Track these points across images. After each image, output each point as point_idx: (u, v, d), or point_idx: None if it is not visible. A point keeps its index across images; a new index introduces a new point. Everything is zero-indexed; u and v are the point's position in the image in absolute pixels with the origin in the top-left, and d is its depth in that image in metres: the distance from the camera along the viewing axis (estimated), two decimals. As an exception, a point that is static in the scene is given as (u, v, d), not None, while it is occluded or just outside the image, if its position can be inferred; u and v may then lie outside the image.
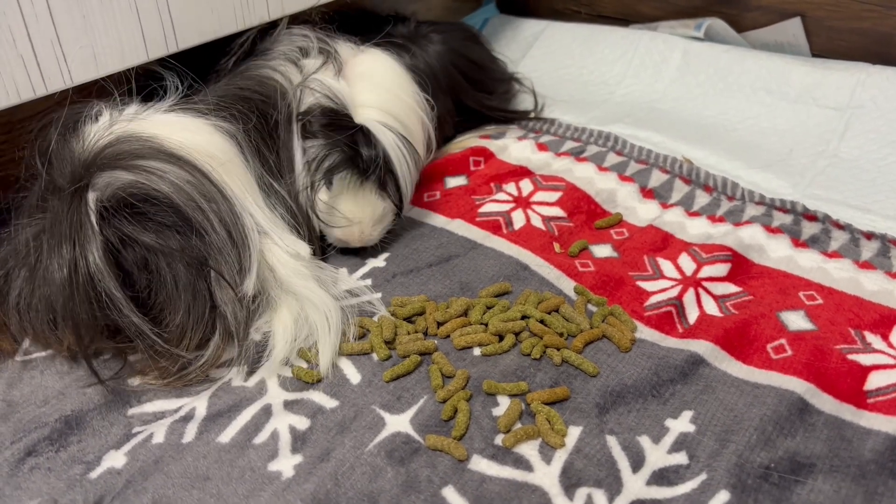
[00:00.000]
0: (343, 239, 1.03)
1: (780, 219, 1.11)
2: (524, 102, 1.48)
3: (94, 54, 0.92)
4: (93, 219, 0.79)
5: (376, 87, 1.03)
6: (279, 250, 0.92)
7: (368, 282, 1.00)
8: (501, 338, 0.89)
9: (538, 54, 1.65)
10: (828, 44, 1.42)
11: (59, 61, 0.88)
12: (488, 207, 1.13)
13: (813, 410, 0.79)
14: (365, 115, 0.99)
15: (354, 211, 1.00)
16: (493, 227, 1.10)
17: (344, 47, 1.08)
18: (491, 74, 1.44)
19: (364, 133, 0.96)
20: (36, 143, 0.86)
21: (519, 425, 0.78)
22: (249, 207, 0.90)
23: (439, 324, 0.91)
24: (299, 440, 0.76)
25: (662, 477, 0.73)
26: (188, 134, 0.88)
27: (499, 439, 0.76)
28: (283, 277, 0.91)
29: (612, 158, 1.26)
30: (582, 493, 0.71)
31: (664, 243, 1.08)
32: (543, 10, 1.77)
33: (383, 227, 1.05)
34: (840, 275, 0.99)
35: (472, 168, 1.24)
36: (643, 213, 1.14)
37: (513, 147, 1.29)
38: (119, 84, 0.94)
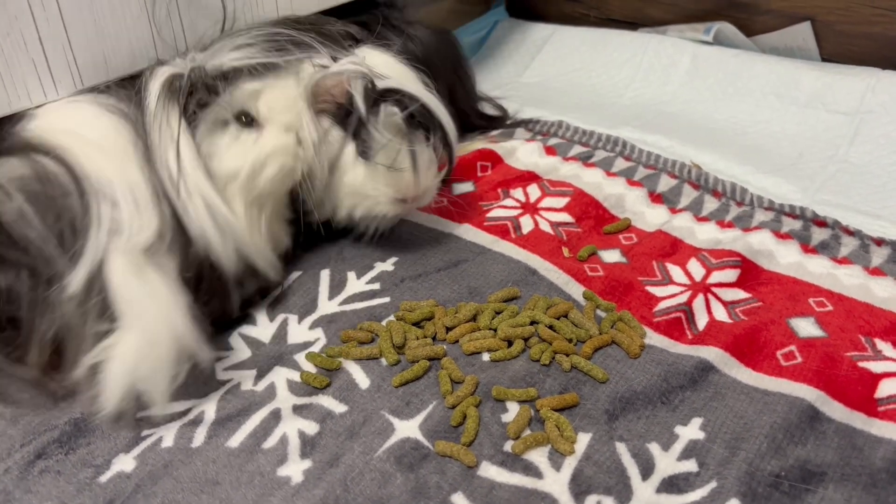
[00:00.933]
0: (401, 191, 0.96)
1: (790, 224, 1.10)
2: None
3: (105, 58, 0.92)
4: None
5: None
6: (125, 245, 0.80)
7: (377, 286, 1.00)
8: (510, 343, 0.89)
9: (547, 58, 1.65)
10: (838, 48, 1.41)
11: (70, 65, 0.89)
12: (496, 213, 1.13)
13: (823, 418, 0.79)
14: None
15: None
16: (502, 231, 1.10)
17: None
18: (472, 80, 1.42)
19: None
20: None
21: (528, 432, 0.78)
22: (115, 198, 0.81)
23: (448, 329, 0.91)
24: (308, 445, 0.76)
25: (672, 484, 0.73)
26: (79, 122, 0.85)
27: (508, 446, 0.76)
28: (118, 282, 0.78)
29: (620, 163, 1.26)
30: (592, 500, 0.71)
31: (673, 248, 1.08)
32: (552, 13, 1.77)
33: (438, 180, 1.02)
34: (850, 281, 0.98)
35: (480, 174, 1.24)
36: (652, 218, 1.14)
37: (520, 150, 1.29)
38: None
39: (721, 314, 0.95)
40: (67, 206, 0.79)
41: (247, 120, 0.92)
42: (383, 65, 1.04)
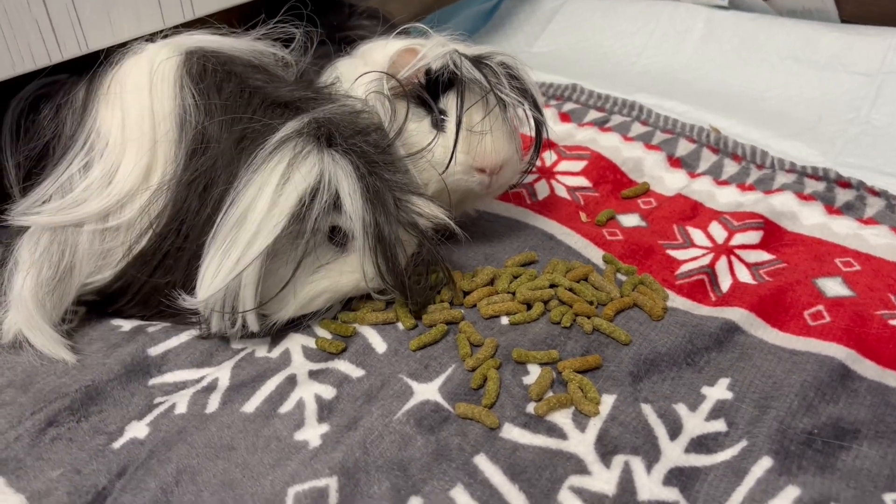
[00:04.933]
0: (477, 158, 0.88)
1: (813, 186, 1.07)
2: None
3: (110, 20, 0.90)
4: None
5: None
6: None
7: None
8: (530, 306, 0.86)
9: (558, 28, 1.62)
10: (857, 9, 1.38)
11: (75, 26, 0.86)
12: (511, 178, 1.11)
13: (855, 377, 0.76)
14: None
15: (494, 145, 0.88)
16: (516, 197, 1.07)
17: None
18: None
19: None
20: None
21: (550, 393, 0.76)
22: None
23: (465, 293, 0.89)
24: (326, 409, 0.74)
25: (701, 444, 0.70)
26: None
27: (530, 407, 0.74)
28: None
29: (637, 128, 1.23)
30: (619, 460, 0.69)
31: (693, 212, 1.05)
32: (562, -18, 1.73)
33: (519, 157, 0.94)
34: (877, 241, 0.96)
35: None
36: (671, 182, 1.12)
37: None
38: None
39: (745, 276, 0.92)
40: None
41: None
42: None
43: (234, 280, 0.74)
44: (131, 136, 0.81)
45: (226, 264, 0.73)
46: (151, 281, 0.81)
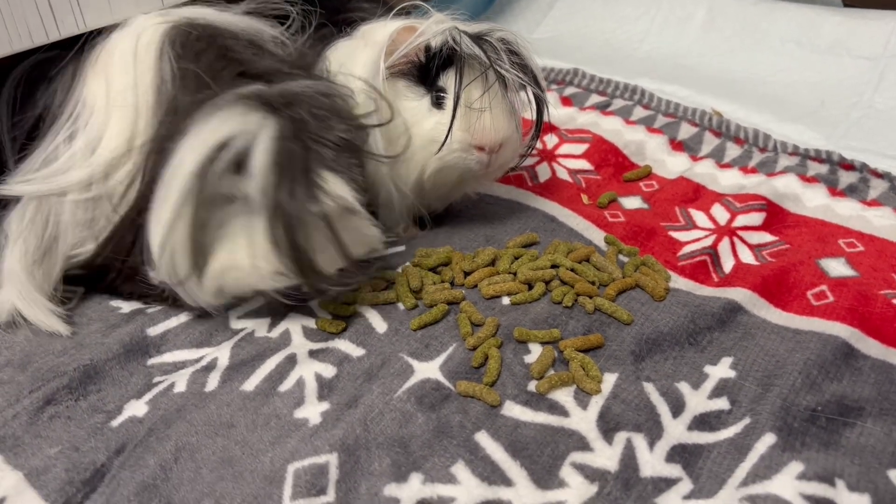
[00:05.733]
0: (476, 136, 0.86)
1: (816, 168, 1.07)
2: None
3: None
4: None
5: None
6: None
7: (392, 236, 0.97)
8: (531, 286, 0.86)
9: (559, 15, 1.62)
10: (860, -7, 1.37)
11: (73, 5, 0.86)
12: (512, 161, 1.10)
13: (859, 355, 0.76)
14: None
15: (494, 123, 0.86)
16: (518, 180, 1.07)
17: None
18: None
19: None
20: None
21: (552, 372, 0.75)
22: None
23: (466, 273, 0.88)
24: (326, 387, 0.74)
25: (704, 422, 0.70)
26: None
27: (532, 385, 0.74)
28: None
29: (639, 112, 1.23)
30: (621, 437, 0.68)
31: (696, 194, 1.05)
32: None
33: (519, 136, 0.92)
34: (881, 222, 0.95)
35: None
36: (673, 165, 1.11)
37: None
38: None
39: (747, 257, 0.92)
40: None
41: None
42: None
43: (168, 247, 0.72)
44: (115, 105, 0.79)
45: (156, 229, 0.72)
46: (130, 259, 0.80)
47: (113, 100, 0.80)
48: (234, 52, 0.82)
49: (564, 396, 0.73)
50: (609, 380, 0.74)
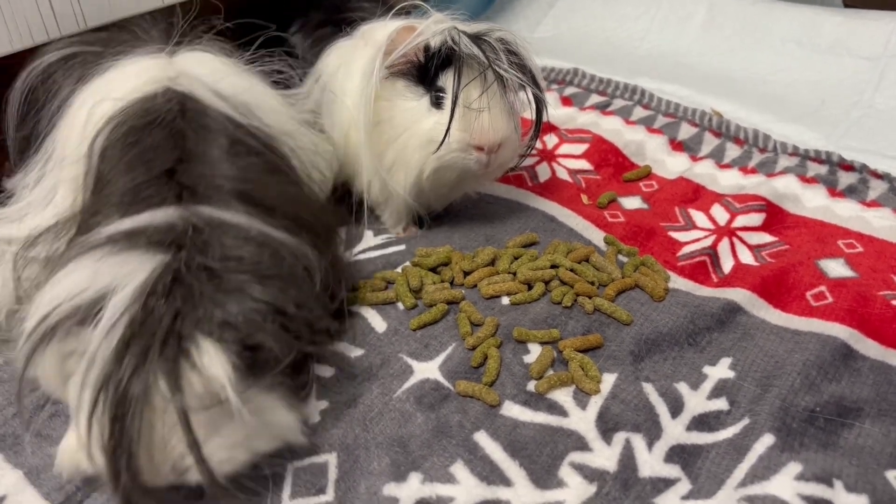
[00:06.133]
0: (475, 135, 0.85)
1: (815, 169, 1.07)
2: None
3: (108, -3, 0.89)
4: None
5: None
6: None
7: (391, 236, 0.97)
8: (530, 286, 0.86)
9: (559, 13, 1.62)
10: (860, -7, 1.38)
11: (73, 3, 0.86)
12: (512, 161, 1.10)
13: (858, 356, 0.76)
14: None
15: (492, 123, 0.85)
16: (517, 180, 1.07)
17: None
18: None
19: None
20: None
21: (551, 372, 0.75)
22: None
23: (466, 273, 0.88)
24: (324, 387, 0.74)
25: (703, 422, 0.70)
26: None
27: (531, 386, 0.74)
28: None
29: (639, 112, 1.23)
30: (620, 437, 0.68)
31: (695, 195, 1.05)
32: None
33: (518, 136, 0.91)
34: (880, 223, 0.95)
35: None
36: (672, 165, 1.11)
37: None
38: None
39: (747, 257, 0.92)
40: None
41: None
42: None
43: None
44: (69, 163, 0.72)
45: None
46: None
47: (69, 156, 0.74)
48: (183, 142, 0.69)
49: (563, 396, 0.73)
50: (608, 380, 0.74)
